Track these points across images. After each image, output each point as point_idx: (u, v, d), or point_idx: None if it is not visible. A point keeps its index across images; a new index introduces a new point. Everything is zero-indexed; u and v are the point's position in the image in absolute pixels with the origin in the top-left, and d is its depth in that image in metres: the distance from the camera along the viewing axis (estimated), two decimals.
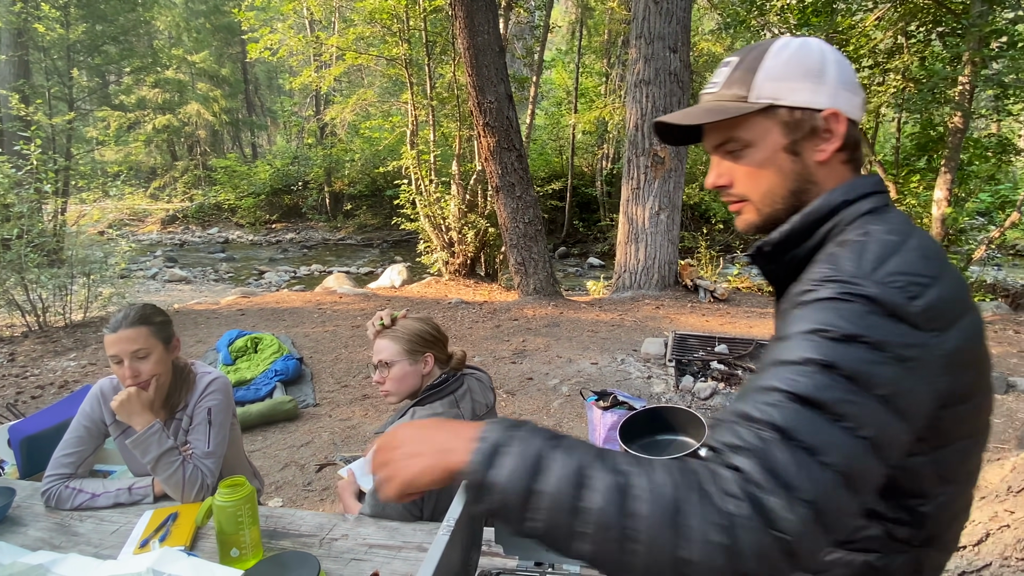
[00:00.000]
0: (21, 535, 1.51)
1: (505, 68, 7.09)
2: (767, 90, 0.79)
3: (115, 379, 1.71)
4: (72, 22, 13.39)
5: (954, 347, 0.64)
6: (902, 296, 0.62)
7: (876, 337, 0.61)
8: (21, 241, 6.10)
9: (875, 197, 0.78)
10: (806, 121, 0.79)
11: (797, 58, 0.79)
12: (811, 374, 0.60)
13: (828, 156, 0.79)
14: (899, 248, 0.67)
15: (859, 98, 0.81)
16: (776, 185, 0.81)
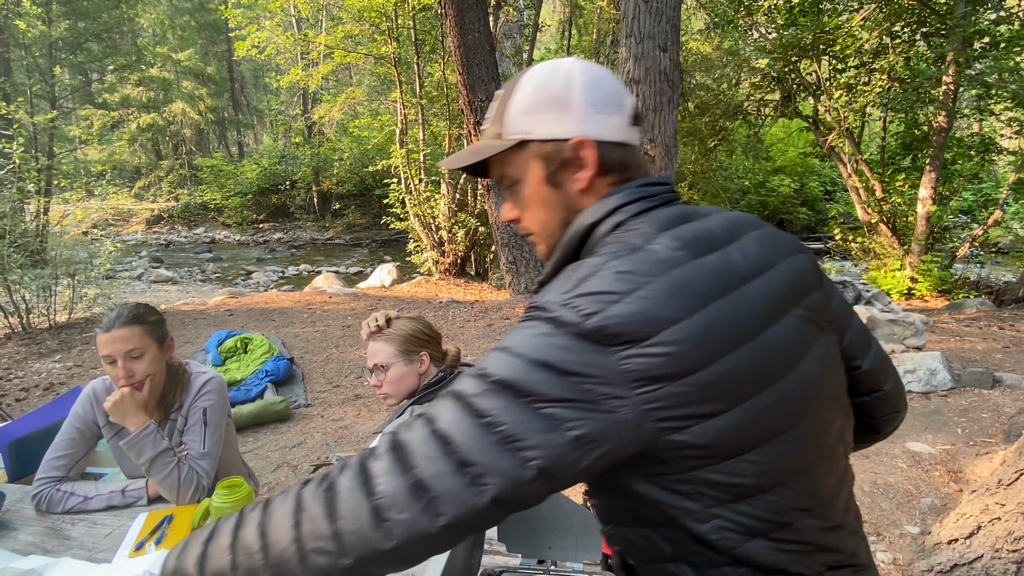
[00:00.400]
0: (11, 539, 1.48)
1: (496, 66, 7.08)
2: (517, 125, 0.79)
3: (108, 380, 1.68)
4: (54, 19, 13.18)
5: (650, 360, 0.61)
6: (575, 315, 0.62)
7: (541, 352, 0.62)
8: (3, 241, 6.00)
9: (623, 210, 0.75)
10: (557, 152, 0.78)
11: (541, 88, 0.78)
12: (472, 378, 0.65)
13: (587, 184, 0.78)
14: (600, 269, 0.66)
15: (618, 117, 0.78)
16: (548, 218, 0.82)
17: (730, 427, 0.64)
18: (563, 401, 0.61)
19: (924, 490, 3.04)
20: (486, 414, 0.62)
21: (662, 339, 0.61)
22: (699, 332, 0.63)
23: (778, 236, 0.80)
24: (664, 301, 0.63)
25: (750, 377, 0.65)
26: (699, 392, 0.63)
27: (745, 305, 0.67)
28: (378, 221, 16.74)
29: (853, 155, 9.41)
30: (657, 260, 0.66)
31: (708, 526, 0.67)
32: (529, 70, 0.81)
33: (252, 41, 10.22)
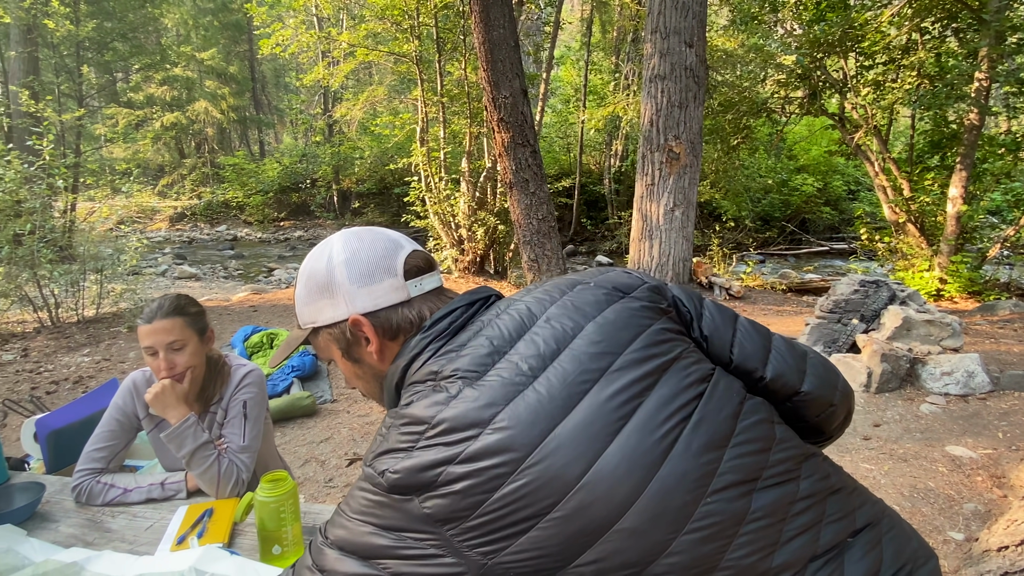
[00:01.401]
0: (52, 532, 1.47)
1: (520, 63, 7.03)
2: (305, 316, 0.86)
3: (148, 371, 1.67)
4: (82, 19, 13.39)
5: (440, 502, 0.64)
6: (376, 473, 0.67)
7: (360, 510, 0.68)
8: (33, 237, 6.09)
9: (417, 360, 0.77)
10: (341, 334, 0.83)
11: (311, 278, 0.84)
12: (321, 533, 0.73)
13: (378, 353, 0.82)
14: (391, 427, 0.70)
15: (388, 280, 0.81)
16: (367, 387, 0.88)
17: (543, 540, 0.63)
18: (391, 552, 0.65)
19: (966, 495, 2.95)
20: (325, 570, 0.69)
21: (444, 480, 0.63)
22: (477, 464, 0.64)
23: (583, 297, 0.77)
24: (440, 445, 0.65)
25: (542, 488, 0.63)
26: (496, 518, 0.63)
27: (524, 415, 0.65)
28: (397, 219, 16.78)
29: (880, 153, 9.22)
30: (433, 403, 0.68)
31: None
32: (306, 257, 0.87)
33: (276, 39, 10.28)
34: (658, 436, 0.65)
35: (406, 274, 0.82)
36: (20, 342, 5.70)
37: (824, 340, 4.68)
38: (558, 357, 0.69)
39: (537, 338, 0.71)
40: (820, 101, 9.99)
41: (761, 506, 0.67)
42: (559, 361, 0.69)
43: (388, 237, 0.85)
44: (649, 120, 7.61)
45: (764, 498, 0.68)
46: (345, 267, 0.81)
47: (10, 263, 5.94)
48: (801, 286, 9.14)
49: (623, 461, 0.64)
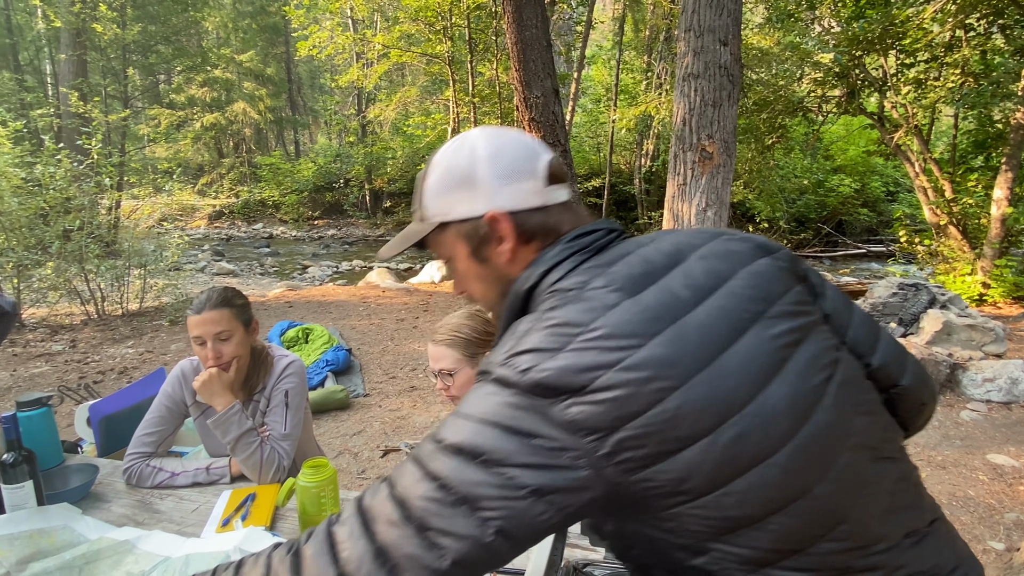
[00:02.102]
0: (105, 511, 1.55)
1: (552, 63, 7.05)
2: (434, 209, 0.82)
3: (195, 360, 1.74)
4: (128, 23, 13.87)
5: (595, 408, 0.60)
6: (514, 372, 0.63)
7: (489, 413, 0.63)
8: (82, 233, 6.35)
9: (557, 269, 0.74)
10: (474, 230, 0.79)
11: (449, 169, 0.80)
12: (426, 443, 0.66)
13: (510, 255, 0.79)
14: (533, 328, 0.66)
15: (530, 182, 0.78)
16: (484, 291, 0.84)
17: (694, 463, 0.61)
18: (516, 459, 0.61)
19: (1008, 504, 2.87)
20: (440, 477, 0.62)
21: (600, 385, 0.61)
22: (639, 373, 0.61)
23: (731, 246, 0.76)
24: (598, 349, 0.62)
25: (705, 410, 0.62)
26: (649, 434, 0.61)
27: (690, 335, 0.64)
28: None
29: (921, 153, 8.95)
30: (590, 308, 0.66)
31: (705, 559, 0.65)
32: (440, 150, 0.83)
33: (313, 41, 10.50)
34: (813, 384, 0.67)
35: (547, 179, 0.80)
36: (69, 333, 5.96)
37: None
38: (716, 292, 0.69)
39: (693, 271, 0.71)
40: (858, 100, 9.74)
41: (880, 474, 0.70)
42: (717, 295, 0.69)
43: (528, 139, 0.82)
44: (682, 119, 7.52)
45: (882, 468, 0.71)
46: (489, 162, 0.78)
47: (60, 258, 6.20)
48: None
49: (784, 399, 0.65)
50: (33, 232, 6.25)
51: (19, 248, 6.09)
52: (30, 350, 5.42)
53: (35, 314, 6.46)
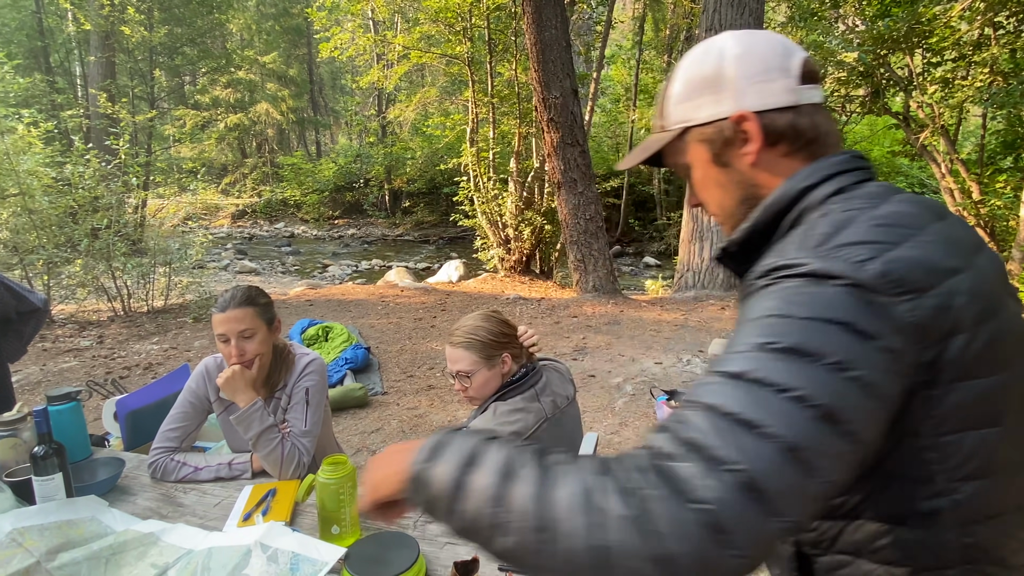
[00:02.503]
0: (131, 504, 1.59)
1: (571, 63, 7.05)
2: (677, 115, 0.81)
3: (219, 357, 1.78)
4: (155, 25, 14.16)
5: (935, 313, 0.57)
6: (847, 264, 0.57)
7: (818, 310, 0.56)
8: (109, 231, 6.49)
9: (843, 176, 0.72)
10: (718, 133, 0.78)
11: (693, 73, 0.79)
12: (749, 354, 0.56)
13: (755, 157, 0.76)
14: (853, 220, 0.62)
15: (781, 81, 0.74)
16: (723, 197, 0.82)
17: (993, 392, 0.61)
18: (856, 358, 0.54)
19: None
20: (789, 387, 0.52)
21: (945, 289, 0.58)
22: (973, 288, 0.60)
23: (965, 226, 0.74)
24: (940, 251, 0.61)
25: (1014, 341, 0.63)
26: (972, 350, 0.59)
27: (988, 271, 0.65)
28: (446, 218, 17.04)
29: (948, 154, 8.76)
30: (910, 214, 0.64)
31: (944, 500, 0.62)
32: (684, 58, 0.81)
33: (335, 43, 10.62)
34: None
35: (800, 77, 0.75)
36: (96, 329, 6.10)
37: None
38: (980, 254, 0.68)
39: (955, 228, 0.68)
40: (883, 100, 9.57)
41: None
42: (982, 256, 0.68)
43: (783, 39, 0.78)
44: None
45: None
46: (738, 61, 0.75)
47: (88, 255, 6.36)
48: None
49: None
50: (63, 230, 6.42)
51: (49, 246, 6.25)
52: (59, 345, 5.56)
53: (64, 310, 6.62)
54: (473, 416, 1.68)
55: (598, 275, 7.62)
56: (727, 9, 7.11)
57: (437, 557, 1.33)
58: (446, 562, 1.31)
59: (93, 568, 1.30)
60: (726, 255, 0.80)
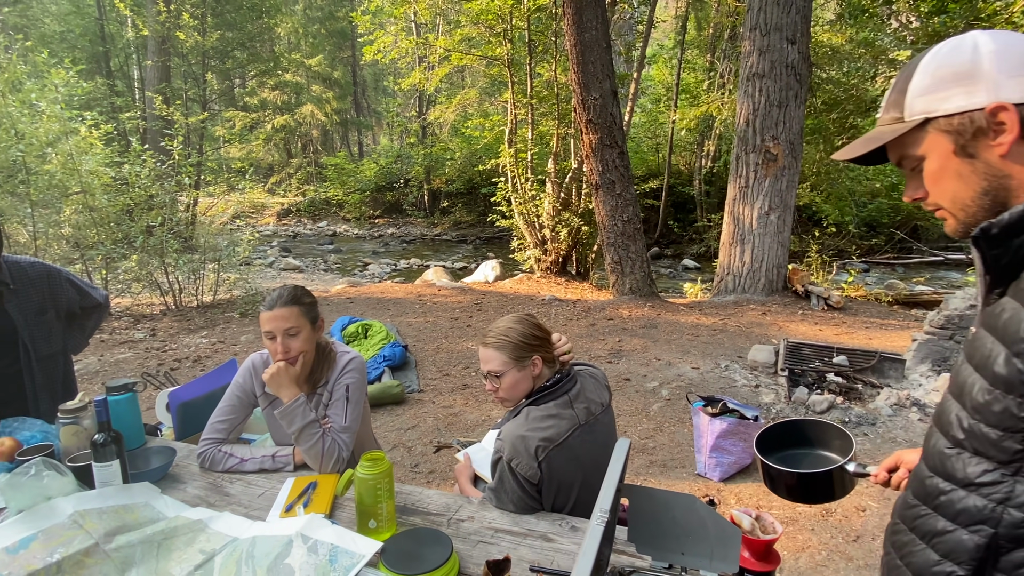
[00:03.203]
0: (181, 492, 1.67)
1: (611, 64, 7.01)
2: (919, 106, 0.82)
3: (265, 353, 1.85)
4: (207, 30, 14.70)
5: None
6: None
7: None
8: (163, 228, 6.78)
9: None
10: (968, 124, 0.79)
11: (943, 67, 0.80)
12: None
13: (1008, 148, 0.77)
14: None
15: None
16: (960, 189, 0.83)
17: None
18: None
19: None
20: None
21: None
22: None
23: None
24: None
25: None
26: None
27: None
28: (483, 219, 17.16)
29: None
30: None
31: None
32: (926, 53, 0.84)
33: (378, 46, 10.82)
34: None
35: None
36: (149, 323, 6.38)
37: (933, 358, 4.33)
38: None
39: None
40: None
41: None
42: None
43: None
44: (745, 120, 7.34)
45: None
46: (995, 56, 0.78)
47: (143, 251, 6.65)
48: (909, 299, 8.46)
49: None
50: (120, 227, 6.73)
51: (107, 242, 6.57)
52: (115, 337, 5.84)
53: (120, 303, 6.94)
54: (506, 419, 1.71)
55: (635, 278, 7.56)
56: (773, 7, 6.94)
57: (470, 555, 1.36)
58: (478, 560, 1.33)
59: (146, 551, 1.37)
60: (985, 236, 0.80)
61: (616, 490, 1.01)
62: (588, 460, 1.60)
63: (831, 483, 1.24)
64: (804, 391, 4.11)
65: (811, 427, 1.49)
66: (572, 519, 1.51)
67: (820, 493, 1.27)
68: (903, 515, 0.86)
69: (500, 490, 1.55)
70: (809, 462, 1.48)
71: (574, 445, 1.58)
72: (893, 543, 0.87)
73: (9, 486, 1.39)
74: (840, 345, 4.77)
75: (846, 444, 1.35)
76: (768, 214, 7.29)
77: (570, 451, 1.57)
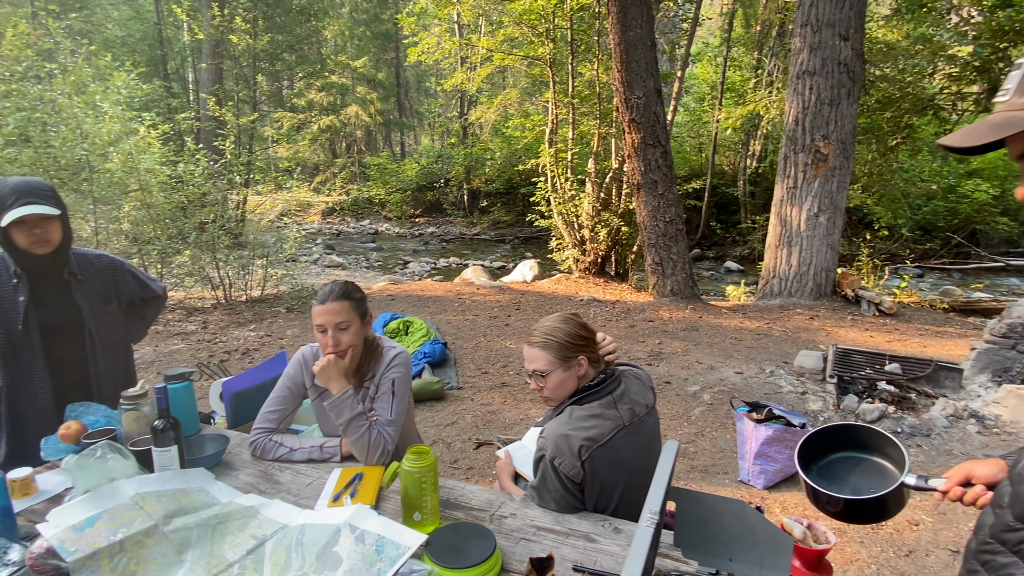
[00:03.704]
0: (234, 478, 1.72)
1: (656, 62, 6.91)
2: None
3: (315, 346, 1.90)
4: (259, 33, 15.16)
5: None
6: None
7: None
8: (215, 225, 7.02)
9: None
10: None
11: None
12: None
13: None
14: None
15: None
16: None
17: None
18: None
19: None
20: None
21: None
22: None
23: None
24: None
25: None
26: None
27: None
28: (521, 219, 17.16)
29: None
30: None
31: None
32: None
33: (422, 47, 10.97)
34: None
35: None
36: (201, 315, 6.62)
37: (994, 368, 4.13)
38: None
39: None
40: None
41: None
42: None
43: None
44: (794, 119, 7.13)
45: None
46: None
47: (196, 247, 6.91)
48: (967, 306, 8.07)
49: None
50: (175, 223, 7.01)
51: (163, 237, 6.85)
52: (169, 329, 6.08)
53: (173, 297, 7.23)
54: (548, 417, 1.71)
55: (676, 279, 7.44)
56: (826, 3, 6.72)
57: (512, 552, 1.36)
58: (521, 557, 1.34)
59: (202, 534, 1.42)
60: None
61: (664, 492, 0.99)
62: (632, 462, 1.59)
63: (884, 504, 1.15)
64: (854, 399, 3.97)
65: (857, 432, 1.40)
66: (615, 520, 1.50)
67: (871, 514, 1.19)
68: (1003, 537, 0.81)
69: (542, 488, 1.55)
70: (859, 470, 1.39)
71: (618, 446, 1.57)
72: (984, 563, 0.83)
73: (77, 467, 1.46)
74: (892, 352, 4.59)
75: (896, 454, 1.27)
76: (817, 216, 7.07)
77: (614, 452, 1.55)
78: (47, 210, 1.84)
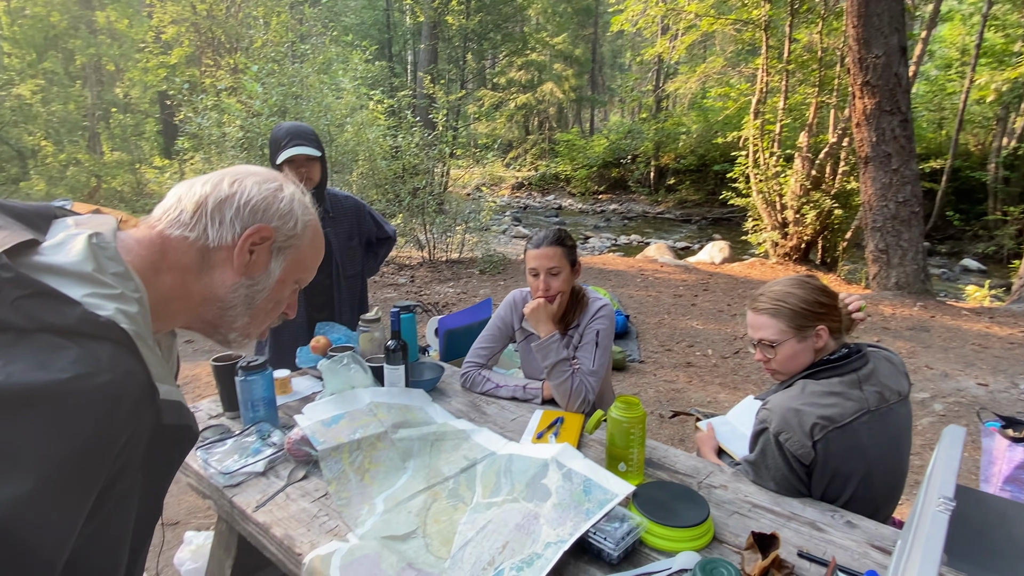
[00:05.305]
0: (447, 404, 1.86)
1: (903, 15, 5.93)
2: None
3: (525, 291, 1.97)
4: (471, 14, 16.09)
5: None
6: None
7: None
8: (425, 192, 7.68)
9: None
10: None
11: None
12: None
13: None
14: None
15: None
16: None
17: None
18: None
19: None
20: None
21: None
22: None
23: None
24: None
25: None
26: None
27: None
28: (711, 198, 16.14)
29: None
30: None
31: None
32: None
33: (628, 15, 10.72)
34: None
35: None
36: (409, 271, 7.35)
37: None
38: None
39: None
40: None
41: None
42: None
43: None
44: None
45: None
46: None
47: (408, 211, 7.64)
48: None
49: None
50: (393, 188, 7.80)
51: (383, 200, 7.68)
52: (384, 279, 6.88)
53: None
54: (773, 390, 1.55)
55: (904, 270, 6.43)
56: None
57: (725, 524, 1.27)
58: (735, 530, 1.25)
59: (422, 447, 1.56)
60: None
61: (955, 477, 0.83)
62: (874, 452, 1.38)
63: None
64: None
65: None
66: (847, 514, 1.30)
67: None
68: None
69: (761, 464, 1.41)
70: None
71: (859, 431, 1.36)
72: None
73: (329, 371, 1.68)
74: None
75: None
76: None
77: (854, 437, 1.36)
78: (312, 151, 2.13)
